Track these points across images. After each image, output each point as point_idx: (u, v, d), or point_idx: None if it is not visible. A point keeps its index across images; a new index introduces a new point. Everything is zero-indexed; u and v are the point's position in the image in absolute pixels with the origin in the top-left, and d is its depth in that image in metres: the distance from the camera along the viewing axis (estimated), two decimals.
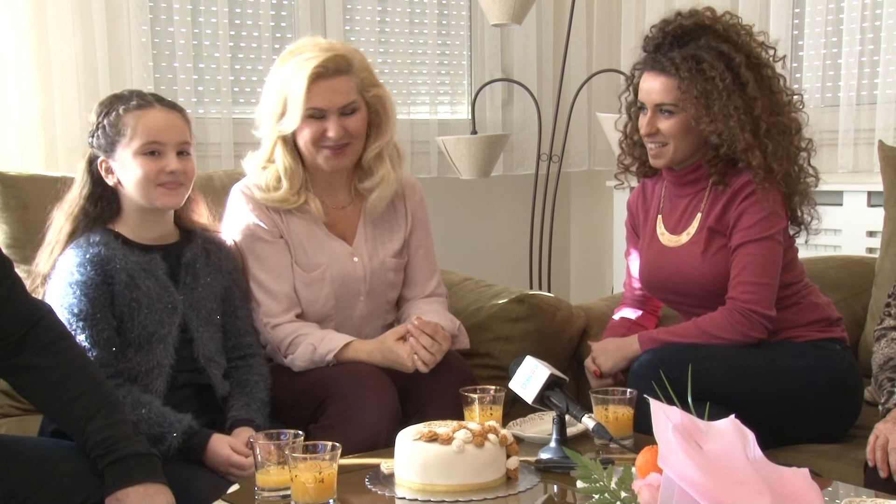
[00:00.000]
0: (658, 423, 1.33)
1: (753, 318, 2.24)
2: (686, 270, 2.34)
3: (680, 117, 2.28)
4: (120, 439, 1.79)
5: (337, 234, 2.40)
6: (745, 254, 2.27)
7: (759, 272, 2.26)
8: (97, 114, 2.11)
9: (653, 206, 2.48)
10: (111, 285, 2.05)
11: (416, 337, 2.22)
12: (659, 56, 2.29)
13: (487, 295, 2.73)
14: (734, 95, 2.24)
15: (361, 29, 3.71)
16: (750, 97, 2.25)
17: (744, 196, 2.28)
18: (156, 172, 2.07)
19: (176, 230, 2.21)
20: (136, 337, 2.06)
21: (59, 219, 2.13)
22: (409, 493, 1.72)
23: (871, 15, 3.34)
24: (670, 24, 2.29)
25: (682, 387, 1.54)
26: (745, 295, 2.25)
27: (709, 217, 2.33)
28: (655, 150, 2.34)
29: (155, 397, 2.04)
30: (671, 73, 2.26)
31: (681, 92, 2.25)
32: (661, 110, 2.30)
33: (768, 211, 2.26)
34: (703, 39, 2.27)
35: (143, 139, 2.06)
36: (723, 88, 2.23)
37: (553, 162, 3.75)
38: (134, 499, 1.75)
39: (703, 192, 2.36)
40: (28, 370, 1.83)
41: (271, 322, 2.31)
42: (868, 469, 1.96)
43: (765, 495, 1.27)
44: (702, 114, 2.24)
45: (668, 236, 2.41)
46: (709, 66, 2.23)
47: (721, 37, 2.27)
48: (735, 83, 2.25)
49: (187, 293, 2.14)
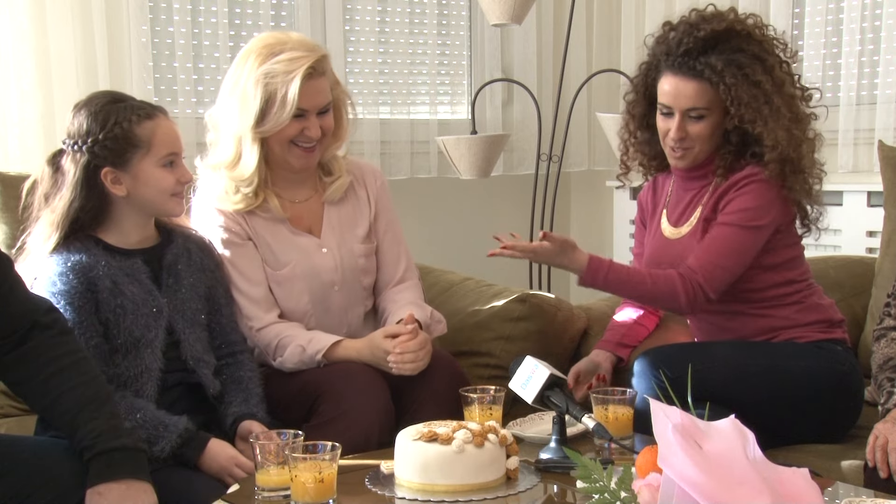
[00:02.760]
0: (658, 423, 1.33)
1: (696, 291, 2.24)
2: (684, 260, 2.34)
3: (710, 121, 2.28)
4: (106, 431, 1.78)
5: (302, 229, 2.40)
6: (719, 234, 2.28)
7: (724, 254, 2.26)
8: (100, 123, 2.04)
9: (661, 201, 2.48)
10: (95, 293, 2.03)
11: (403, 343, 2.21)
12: (690, 60, 2.26)
13: (488, 295, 2.74)
14: (776, 97, 2.25)
15: (361, 29, 3.71)
16: (789, 95, 2.27)
17: (739, 186, 2.28)
18: (173, 183, 2.09)
19: (156, 232, 2.20)
20: (123, 343, 2.05)
21: (45, 227, 2.08)
22: (408, 493, 1.72)
23: (871, 15, 3.34)
24: (700, 30, 2.26)
25: (682, 387, 1.55)
26: (697, 266, 2.25)
27: (706, 210, 2.33)
28: (681, 153, 2.33)
29: (148, 402, 2.03)
30: (708, 78, 2.24)
31: (720, 96, 2.24)
32: (691, 115, 2.29)
33: (758, 202, 2.26)
34: (733, 42, 2.26)
35: (165, 150, 2.07)
36: (772, 91, 2.24)
37: (553, 162, 3.75)
38: (116, 494, 1.74)
39: (707, 187, 2.36)
40: (25, 363, 1.83)
41: (255, 326, 2.31)
42: (868, 469, 1.96)
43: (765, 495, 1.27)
44: (754, 117, 2.24)
45: (670, 229, 2.42)
46: (751, 70, 2.23)
47: (753, 39, 2.27)
48: (774, 85, 2.26)
49: (171, 295, 2.13)
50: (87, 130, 2.05)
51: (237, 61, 2.31)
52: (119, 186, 2.07)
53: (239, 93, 2.27)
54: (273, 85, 2.23)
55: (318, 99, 2.28)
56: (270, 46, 2.26)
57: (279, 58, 2.24)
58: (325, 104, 2.30)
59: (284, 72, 2.23)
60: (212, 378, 2.16)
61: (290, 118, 2.25)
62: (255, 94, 2.24)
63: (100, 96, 2.11)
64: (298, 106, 2.24)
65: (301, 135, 2.29)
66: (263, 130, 2.27)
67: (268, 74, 2.23)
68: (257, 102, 2.24)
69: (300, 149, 2.31)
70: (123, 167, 2.06)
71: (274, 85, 2.23)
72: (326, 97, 2.30)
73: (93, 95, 2.12)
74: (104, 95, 2.12)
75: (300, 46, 2.26)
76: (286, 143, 2.29)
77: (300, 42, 2.28)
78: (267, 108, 2.25)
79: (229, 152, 2.32)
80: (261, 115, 2.25)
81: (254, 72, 2.25)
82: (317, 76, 2.26)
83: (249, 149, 2.29)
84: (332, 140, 2.39)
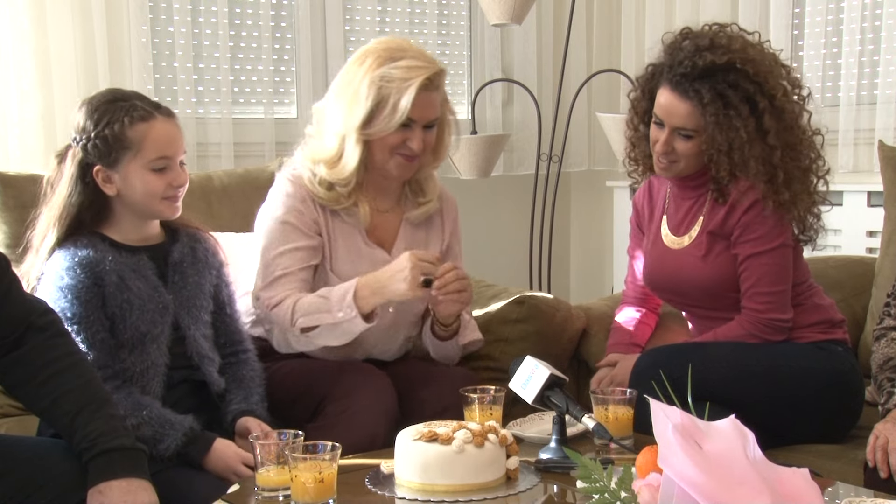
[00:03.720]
0: (658, 423, 1.33)
1: (774, 325, 2.28)
2: (687, 272, 2.35)
3: (697, 141, 2.27)
4: (105, 432, 1.77)
5: (375, 241, 2.35)
6: (759, 265, 2.28)
7: (774, 280, 2.28)
8: (95, 121, 2.04)
9: (658, 206, 2.48)
10: (102, 287, 2.03)
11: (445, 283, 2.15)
12: (686, 82, 2.25)
13: (487, 296, 2.74)
14: (755, 145, 2.23)
15: (361, 29, 3.71)
16: (770, 146, 2.24)
17: (748, 205, 2.28)
18: (164, 187, 2.06)
19: (161, 230, 2.19)
20: (130, 338, 2.05)
21: (46, 223, 2.08)
22: (409, 493, 1.72)
23: (871, 15, 3.34)
24: (702, 57, 2.23)
25: (682, 387, 1.54)
26: (762, 306, 2.28)
27: (710, 223, 2.33)
28: (665, 164, 2.33)
29: (154, 399, 2.04)
30: (695, 103, 2.24)
31: (704, 122, 2.24)
32: (680, 133, 2.28)
33: (775, 218, 2.27)
34: (731, 75, 2.24)
35: (154, 154, 2.04)
36: (746, 140, 2.22)
37: (553, 162, 3.75)
38: (117, 493, 1.73)
39: (704, 196, 2.36)
40: (22, 366, 1.82)
41: (272, 300, 2.22)
42: (868, 469, 1.96)
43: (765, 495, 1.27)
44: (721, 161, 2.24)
45: (671, 237, 2.42)
46: (735, 112, 2.22)
47: (750, 79, 2.24)
48: (757, 132, 2.24)
49: (177, 292, 2.13)
50: (83, 127, 2.05)
51: (353, 60, 2.27)
52: (110, 186, 2.06)
53: (351, 92, 2.23)
54: (387, 89, 2.19)
55: (428, 112, 2.24)
56: (391, 51, 2.23)
57: (398, 63, 2.20)
58: (433, 119, 2.27)
59: (401, 78, 2.19)
60: (216, 376, 2.16)
61: (398, 126, 2.21)
62: (367, 95, 2.20)
63: (105, 94, 2.11)
64: (408, 116, 2.20)
65: (403, 145, 2.24)
66: (369, 133, 2.23)
67: (384, 78, 2.20)
68: (368, 104, 2.20)
69: (402, 157, 2.26)
70: (113, 167, 2.05)
71: (388, 89, 2.19)
72: (436, 112, 2.27)
73: (100, 92, 2.13)
74: (109, 93, 2.11)
75: (420, 56, 2.23)
76: (388, 150, 2.25)
77: (420, 52, 2.25)
78: (376, 111, 2.21)
79: (331, 149, 2.28)
80: (369, 117, 2.21)
81: (370, 73, 2.21)
82: (431, 89, 2.23)
83: (352, 149, 2.25)
84: (430, 157, 2.34)
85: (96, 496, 1.74)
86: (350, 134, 2.24)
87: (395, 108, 2.19)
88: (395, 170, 2.29)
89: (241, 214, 2.76)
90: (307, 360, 2.31)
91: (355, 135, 2.23)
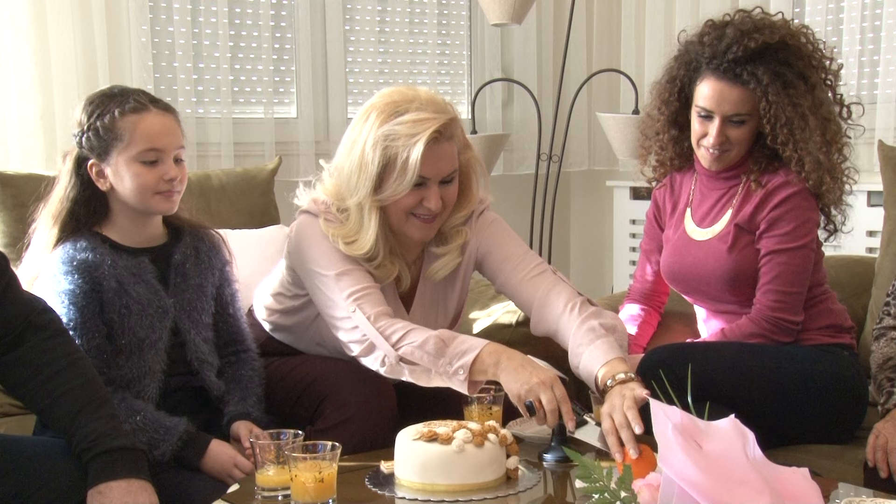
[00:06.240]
0: (658, 423, 1.33)
1: (782, 325, 2.27)
2: (710, 264, 2.34)
3: (750, 126, 2.28)
4: (106, 433, 1.77)
5: (401, 294, 2.22)
6: (779, 262, 2.27)
7: (791, 280, 2.27)
8: (88, 113, 2.03)
9: (682, 199, 2.47)
10: (100, 292, 2.01)
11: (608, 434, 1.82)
12: (737, 67, 2.24)
13: (488, 296, 2.74)
14: (812, 118, 2.24)
15: (361, 29, 3.71)
16: (824, 118, 2.27)
17: (779, 200, 2.28)
18: (155, 181, 2.02)
19: (164, 230, 2.16)
20: (127, 343, 2.03)
21: (45, 221, 2.07)
22: (408, 492, 1.72)
23: (871, 15, 3.34)
24: (752, 39, 2.23)
25: (683, 386, 1.54)
26: (774, 303, 2.27)
27: (738, 214, 2.33)
28: (717, 154, 2.32)
29: (148, 403, 2.02)
30: (753, 87, 2.24)
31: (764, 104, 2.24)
32: (732, 120, 2.28)
33: (803, 219, 2.27)
34: (781, 55, 2.24)
35: (142, 146, 2.01)
36: (808, 113, 2.23)
37: (553, 162, 3.75)
38: (117, 493, 1.73)
39: (735, 188, 2.36)
40: (22, 366, 1.82)
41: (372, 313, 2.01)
42: (868, 469, 1.96)
43: (765, 495, 1.27)
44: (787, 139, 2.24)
45: (695, 229, 2.41)
46: (794, 90, 2.23)
47: (803, 55, 2.26)
48: (813, 106, 2.25)
49: (177, 295, 2.11)
50: (78, 121, 2.05)
51: (359, 116, 2.08)
52: (103, 180, 2.04)
53: (357, 154, 2.04)
54: (394, 148, 2.00)
55: (442, 166, 2.04)
56: (396, 104, 2.03)
57: (403, 118, 2.00)
58: (450, 172, 2.06)
59: (408, 134, 1.99)
60: (215, 380, 2.15)
61: (410, 187, 2.02)
62: (373, 158, 2.01)
63: (106, 89, 2.10)
64: (420, 174, 2.00)
65: (419, 206, 2.05)
66: (381, 199, 2.04)
67: (388, 136, 2.00)
68: (375, 167, 2.01)
69: (418, 219, 2.08)
70: (104, 159, 2.03)
71: (395, 148, 2.00)
72: (452, 164, 2.06)
73: (104, 88, 2.12)
74: (109, 89, 2.10)
75: (429, 106, 2.02)
76: (403, 212, 2.06)
77: (429, 101, 2.04)
78: (385, 173, 2.02)
79: (353, 221, 2.08)
80: (378, 181, 2.02)
81: (373, 131, 2.02)
82: (443, 140, 2.03)
83: (374, 218, 2.05)
84: (454, 209, 2.16)
85: (96, 497, 1.73)
86: (364, 202, 2.05)
87: (405, 168, 2.00)
88: (414, 233, 2.10)
89: (239, 212, 2.78)
90: (308, 360, 2.30)
91: (368, 202, 2.05)
